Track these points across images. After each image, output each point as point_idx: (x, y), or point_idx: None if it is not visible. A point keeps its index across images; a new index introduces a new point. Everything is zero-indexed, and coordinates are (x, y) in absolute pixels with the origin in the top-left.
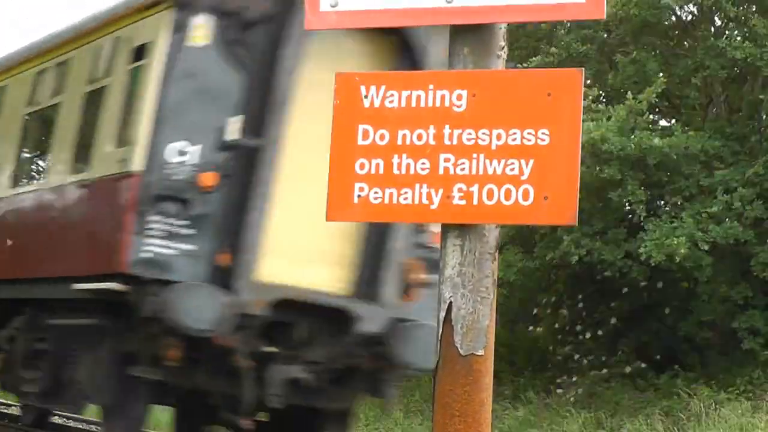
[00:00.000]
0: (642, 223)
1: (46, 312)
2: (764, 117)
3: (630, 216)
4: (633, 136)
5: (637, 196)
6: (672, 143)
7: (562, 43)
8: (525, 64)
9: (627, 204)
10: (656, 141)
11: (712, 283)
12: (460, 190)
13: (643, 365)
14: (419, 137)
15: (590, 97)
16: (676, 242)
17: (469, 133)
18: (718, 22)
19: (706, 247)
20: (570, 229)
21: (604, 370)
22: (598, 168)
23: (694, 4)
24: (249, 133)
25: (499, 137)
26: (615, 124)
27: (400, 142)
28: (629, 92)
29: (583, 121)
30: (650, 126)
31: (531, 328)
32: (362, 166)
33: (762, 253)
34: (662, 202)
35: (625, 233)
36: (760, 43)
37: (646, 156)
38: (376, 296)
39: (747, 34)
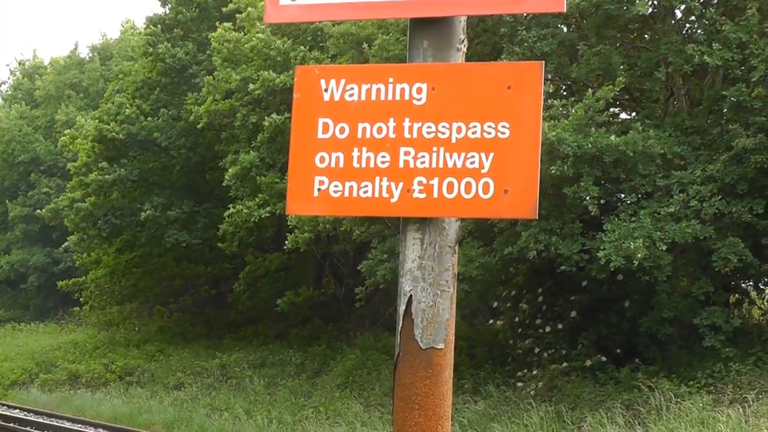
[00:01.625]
0: (601, 220)
1: None
2: (725, 110)
3: (587, 212)
4: (589, 135)
5: (590, 192)
6: (628, 140)
7: (525, 44)
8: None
9: (582, 200)
10: (612, 138)
11: (672, 278)
12: (420, 183)
13: (604, 359)
14: (379, 130)
15: (548, 92)
16: (633, 246)
17: (429, 127)
18: (679, 15)
19: (665, 247)
20: (528, 224)
21: (565, 364)
22: (553, 165)
23: None
24: None
25: (459, 130)
26: (572, 123)
27: (360, 135)
28: (589, 89)
29: (543, 119)
30: (610, 119)
31: (491, 321)
32: (322, 160)
33: (723, 249)
34: (621, 198)
35: (581, 227)
36: (731, 47)
37: (603, 154)
38: None
39: (713, 34)
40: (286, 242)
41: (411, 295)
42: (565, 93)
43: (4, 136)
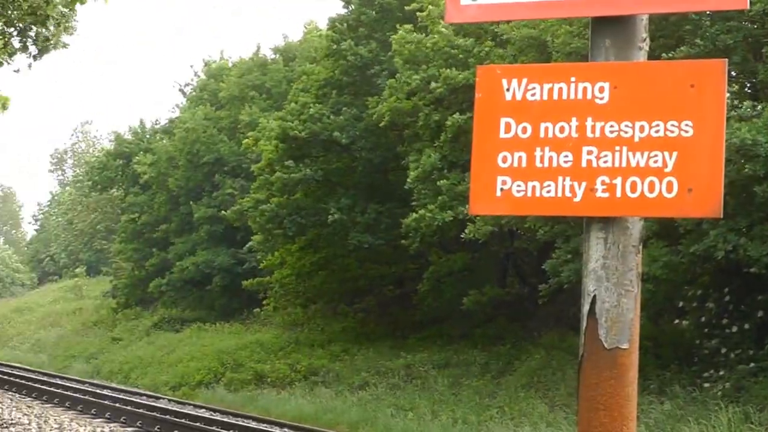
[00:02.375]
0: None
1: None
2: None
3: None
4: None
5: None
6: None
7: (707, 35)
8: (671, 54)
9: None
10: None
11: None
12: (603, 182)
13: None
14: (561, 130)
15: (733, 91)
16: None
17: (612, 126)
18: None
19: None
20: (715, 223)
21: (752, 364)
22: (745, 165)
23: None
24: None
25: (641, 129)
26: (765, 125)
27: (542, 134)
28: None
29: (728, 119)
30: None
31: (676, 321)
32: (504, 159)
33: None
34: None
35: None
36: None
37: None
38: None
39: None
40: (465, 231)
41: (595, 295)
42: (749, 91)
43: (188, 137)
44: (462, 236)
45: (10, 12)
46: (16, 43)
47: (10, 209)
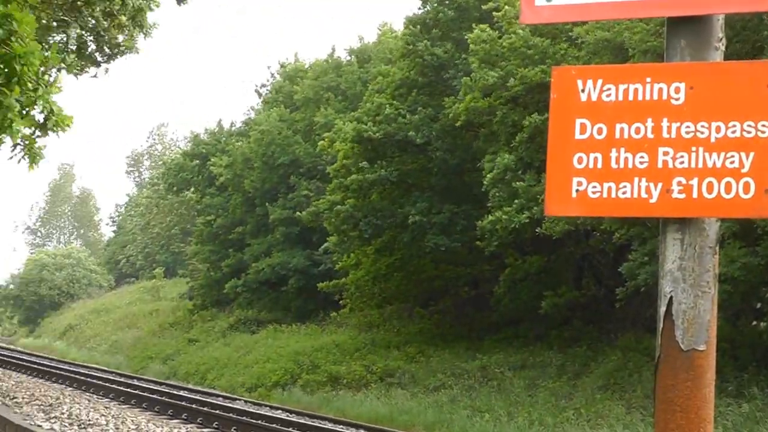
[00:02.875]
0: None
1: None
2: None
3: None
4: None
5: None
6: None
7: None
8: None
9: None
10: None
11: None
12: (679, 183)
13: None
14: (637, 131)
15: None
16: None
17: (688, 126)
18: None
19: None
20: None
21: None
22: None
23: None
24: None
25: (718, 130)
26: None
27: (617, 135)
28: None
29: None
30: None
31: (754, 323)
32: (580, 161)
33: None
34: None
35: None
36: None
37: None
38: None
39: None
40: (539, 228)
41: (671, 297)
42: None
43: (264, 139)
44: (537, 231)
45: (86, 17)
46: (92, 46)
47: (87, 211)
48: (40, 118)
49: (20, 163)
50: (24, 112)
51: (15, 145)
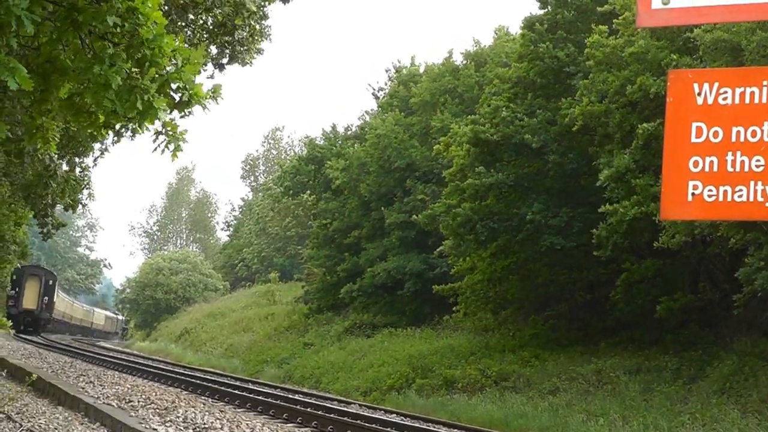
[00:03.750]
0: None
1: None
2: None
3: None
4: None
5: None
6: None
7: None
8: None
9: None
10: None
11: None
12: None
13: None
14: (753, 134)
15: None
16: None
17: None
18: None
19: None
20: None
21: None
22: None
23: None
24: None
25: None
26: None
27: (734, 139)
28: None
29: None
30: None
31: None
32: (696, 164)
33: None
34: None
35: None
36: None
37: None
38: None
39: None
40: (658, 241)
41: None
42: None
43: (380, 143)
44: (654, 245)
45: (203, 21)
46: (213, 50)
47: (205, 215)
48: (176, 98)
49: (163, 154)
50: (160, 95)
51: (157, 134)
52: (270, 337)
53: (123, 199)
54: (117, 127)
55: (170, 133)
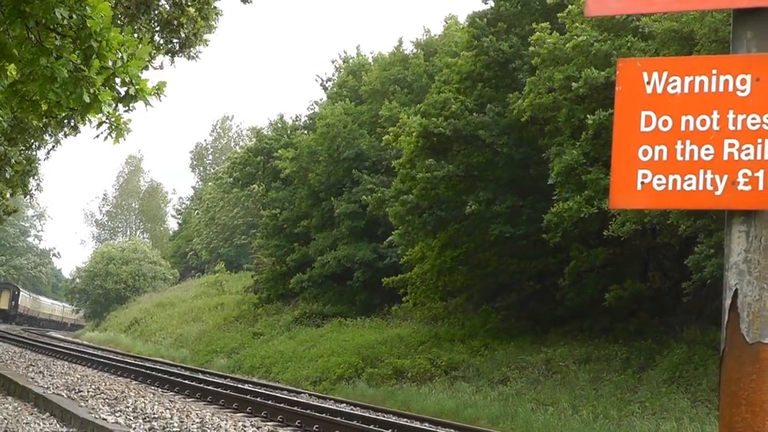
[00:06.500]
0: None
1: None
2: None
3: None
4: None
5: None
6: None
7: None
8: None
9: None
10: None
11: None
12: (745, 175)
13: None
14: (702, 123)
15: None
16: None
17: (754, 118)
18: None
19: None
20: None
21: None
22: None
23: None
24: None
25: None
26: None
27: (683, 128)
28: None
29: None
30: None
31: None
32: (645, 153)
33: None
34: None
35: None
36: None
37: None
38: None
39: None
40: (608, 229)
41: (737, 289)
42: None
43: (329, 132)
44: (604, 234)
45: (150, 17)
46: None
47: (155, 204)
48: (121, 92)
49: (106, 141)
50: (105, 88)
51: (100, 123)
52: (219, 327)
53: (76, 186)
54: (60, 117)
55: (114, 124)
